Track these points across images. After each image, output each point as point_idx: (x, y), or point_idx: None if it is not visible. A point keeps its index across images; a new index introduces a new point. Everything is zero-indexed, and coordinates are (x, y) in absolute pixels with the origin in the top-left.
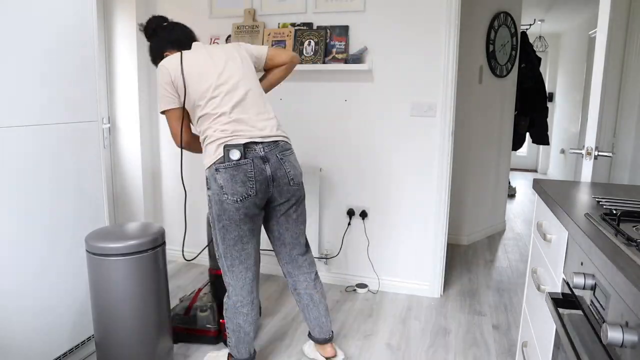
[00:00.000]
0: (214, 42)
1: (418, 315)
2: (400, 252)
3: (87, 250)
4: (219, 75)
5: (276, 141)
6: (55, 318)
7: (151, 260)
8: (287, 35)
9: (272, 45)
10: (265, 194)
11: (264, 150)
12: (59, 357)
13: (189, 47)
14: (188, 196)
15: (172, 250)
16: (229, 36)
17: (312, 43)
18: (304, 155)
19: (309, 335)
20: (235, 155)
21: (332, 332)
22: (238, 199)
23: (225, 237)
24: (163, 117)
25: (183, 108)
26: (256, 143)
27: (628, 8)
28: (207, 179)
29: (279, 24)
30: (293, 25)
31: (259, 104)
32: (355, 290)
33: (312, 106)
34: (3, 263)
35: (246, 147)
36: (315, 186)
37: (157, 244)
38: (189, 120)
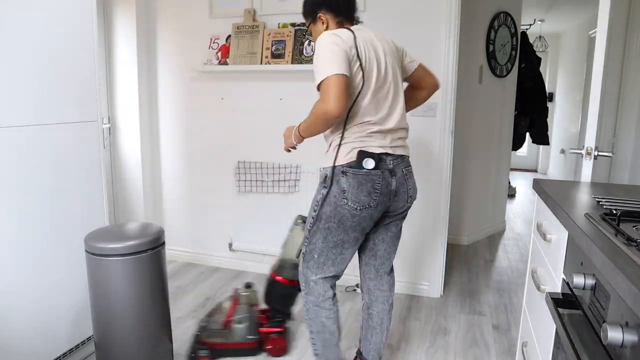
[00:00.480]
0: (214, 42)
1: (418, 315)
2: (400, 252)
3: (86, 251)
4: (378, 74)
5: (402, 155)
6: (55, 318)
7: (150, 261)
8: (287, 35)
9: (273, 45)
10: (385, 207)
11: (392, 163)
12: (59, 357)
13: (348, 20)
14: (186, 196)
15: (172, 251)
16: (229, 36)
17: (312, 43)
18: (304, 155)
19: (359, 353)
20: (370, 164)
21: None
22: (358, 208)
23: (328, 238)
24: (163, 117)
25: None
26: (387, 154)
27: (628, 8)
28: (326, 176)
29: (279, 24)
30: (293, 25)
31: (401, 115)
32: (355, 290)
33: (312, 106)
34: (2, 263)
35: (379, 157)
36: (316, 186)
37: (156, 244)
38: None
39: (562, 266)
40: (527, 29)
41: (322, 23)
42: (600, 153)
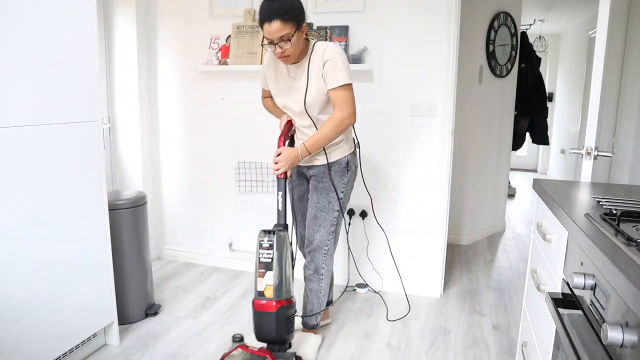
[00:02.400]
0: (214, 42)
1: (418, 315)
2: (400, 252)
3: None
4: None
5: None
6: (61, 311)
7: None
8: None
9: None
10: None
11: None
12: (64, 353)
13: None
14: (185, 196)
15: (172, 250)
16: (229, 36)
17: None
18: None
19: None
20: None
21: None
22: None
23: (346, 209)
24: (163, 117)
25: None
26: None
27: (628, 8)
28: (347, 163)
29: None
30: None
31: None
32: (355, 290)
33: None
34: (2, 263)
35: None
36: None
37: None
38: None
39: (562, 266)
40: (527, 29)
41: (304, 33)
42: (600, 153)
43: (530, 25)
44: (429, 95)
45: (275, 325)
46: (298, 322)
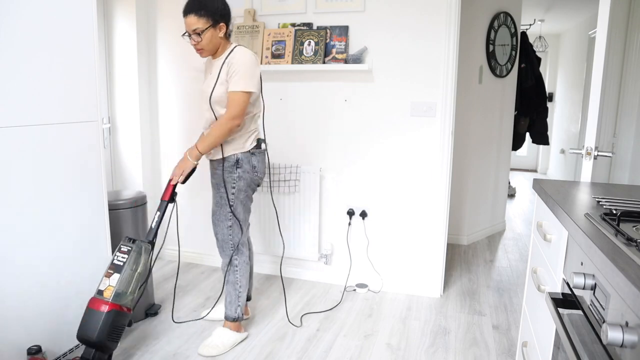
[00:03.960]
0: None
1: (418, 315)
2: (400, 252)
3: None
4: None
5: None
6: (61, 311)
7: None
8: (287, 36)
9: (272, 45)
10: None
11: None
12: (64, 353)
13: (227, 35)
14: (185, 196)
15: (172, 251)
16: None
17: (312, 43)
18: (304, 155)
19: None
20: (263, 145)
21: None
22: (262, 176)
23: (246, 204)
24: (163, 117)
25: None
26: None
27: (628, 8)
28: (237, 160)
29: (279, 24)
30: (293, 25)
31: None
32: (355, 290)
33: (312, 106)
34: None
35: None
36: (316, 186)
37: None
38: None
39: (562, 266)
40: (527, 29)
41: (220, 31)
42: (600, 153)
43: (530, 25)
44: (429, 95)
45: (100, 326)
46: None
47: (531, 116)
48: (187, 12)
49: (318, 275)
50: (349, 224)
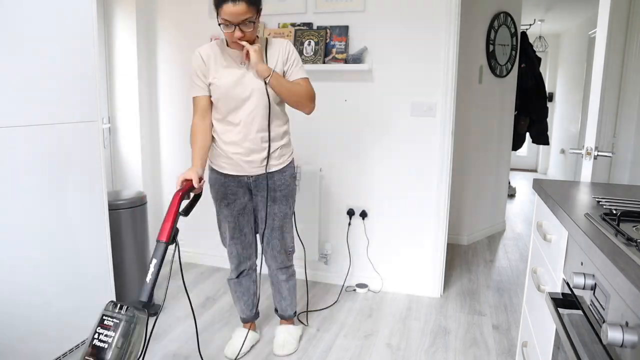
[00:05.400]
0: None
1: (418, 315)
2: (400, 252)
3: None
4: None
5: None
6: (61, 311)
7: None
8: (287, 36)
9: None
10: None
11: None
12: (64, 353)
13: None
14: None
15: (172, 250)
16: None
17: (312, 43)
18: (304, 155)
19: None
20: None
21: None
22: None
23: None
24: (163, 118)
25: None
26: None
27: (628, 8)
28: (295, 167)
29: (279, 24)
30: (293, 25)
31: None
32: (355, 290)
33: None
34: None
35: None
36: (316, 186)
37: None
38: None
39: (562, 266)
40: (527, 29)
41: (258, 22)
42: (600, 153)
43: (530, 25)
44: (429, 95)
45: None
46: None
47: (531, 116)
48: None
49: (318, 275)
50: (349, 224)
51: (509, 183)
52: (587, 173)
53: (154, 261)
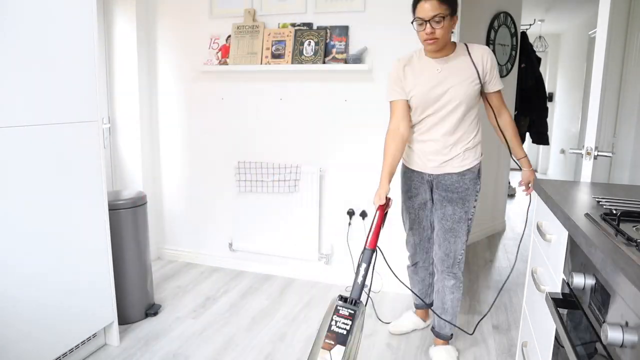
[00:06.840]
0: (214, 42)
1: None
2: (401, 252)
3: None
4: None
5: None
6: (61, 311)
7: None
8: (287, 36)
9: (273, 45)
10: None
11: None
12: (64, 353)
13: None
14: (185, 195)
15: (172, 250)
16: (229, 36)
17: (312, 43)
18: (304, 155)
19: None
20: None
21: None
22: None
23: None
24: (163, 118)
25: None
26: None
27: (628, 8)
28: (479, 170)
29: (279, 24)
30: (293, 25)
31: None
32: None
33: (312, 106)
34: (1, 262)
35: None
36: (315, 186)
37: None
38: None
39: (562, 266)
40: (527, 29)
41: (454, 25)
42: (600, 153)
43: (530, 25)
44: None
45: None
46: None
47: (531, 116)
48: None
49: (318, 275)
50: (349, 224)
51: (509, 183)
52: (587, 173)
53: (364, 265)
